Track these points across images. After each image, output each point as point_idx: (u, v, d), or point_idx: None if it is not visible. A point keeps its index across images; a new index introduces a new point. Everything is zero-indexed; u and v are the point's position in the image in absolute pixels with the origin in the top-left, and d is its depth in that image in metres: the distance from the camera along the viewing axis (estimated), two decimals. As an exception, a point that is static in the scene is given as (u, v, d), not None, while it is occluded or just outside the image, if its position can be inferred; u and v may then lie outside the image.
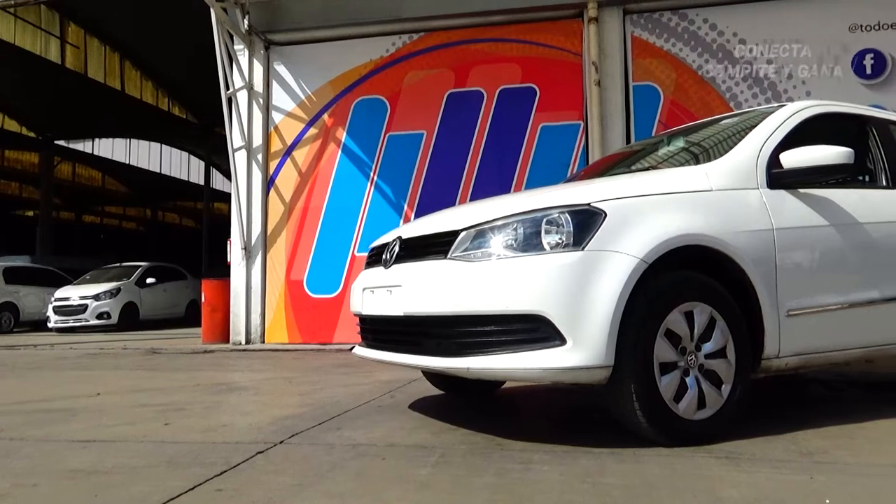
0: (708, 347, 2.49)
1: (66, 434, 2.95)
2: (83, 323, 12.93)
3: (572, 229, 2.38)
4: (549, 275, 2.32)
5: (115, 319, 13.18)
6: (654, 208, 2.51)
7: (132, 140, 30.20)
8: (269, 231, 8.26)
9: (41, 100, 21.29)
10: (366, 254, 3.56)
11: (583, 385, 2.41)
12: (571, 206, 2.44)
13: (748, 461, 2.20)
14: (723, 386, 2.49)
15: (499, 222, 2.51)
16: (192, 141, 29.12)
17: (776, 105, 3.26)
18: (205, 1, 7.49)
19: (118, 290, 13.49)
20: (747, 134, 2.95)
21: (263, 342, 8.06)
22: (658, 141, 3.94)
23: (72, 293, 13.36)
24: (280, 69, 8.43)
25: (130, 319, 13.51)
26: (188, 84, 22.53)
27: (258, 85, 8.39)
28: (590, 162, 7.21)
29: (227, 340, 8.25)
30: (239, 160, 8.25)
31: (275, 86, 8.44)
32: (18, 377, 5.54)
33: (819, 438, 2.51)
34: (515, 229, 2.46)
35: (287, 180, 8.28)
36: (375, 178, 8.05)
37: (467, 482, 2.05)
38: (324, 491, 2.01)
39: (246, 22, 8.18)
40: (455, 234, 2.61)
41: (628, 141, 7.37)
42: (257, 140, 8.33)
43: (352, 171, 8.13)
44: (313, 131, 8.28)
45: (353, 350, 3.37)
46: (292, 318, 8.07)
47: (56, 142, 25.49)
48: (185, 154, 33.62)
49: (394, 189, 7.99)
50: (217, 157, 27.74)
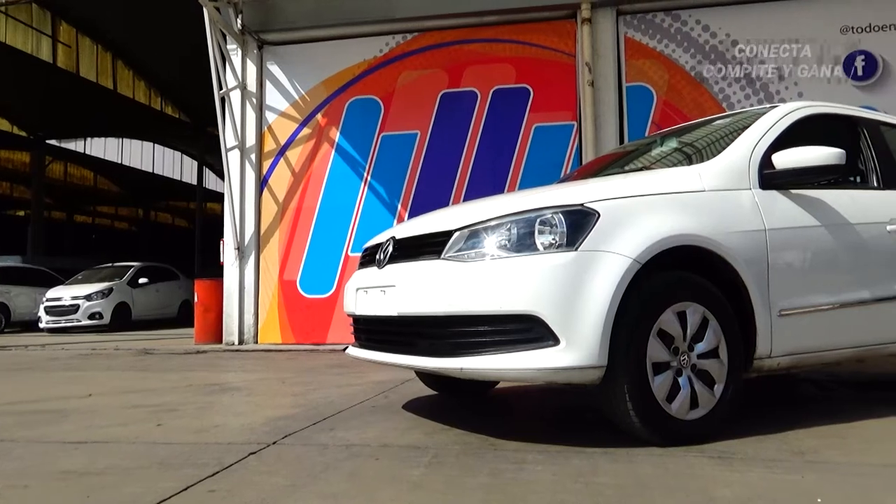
0: (700, 347, 2.50)
1: (58, 435, 2.94)
2: (75, 323, 12.87)
3: (566, 230, 2.38)
4: (543, 275, 2.33)
5: (107, 320, 13.12)
6: (648, 209, 2.52)
7: (125, 139, 30.08)
8: (263, 231, 8.24)
9: (33, 99, 21.18)
10: (359, 254, 3.55)
11: (576, 385, 2.42)
12: (565, 207, 2.45)
13: (740, 461, 2.21)
14: (715, 386, 2.50)
15: (492, 222, 2.51)
16: (185, 140, 29.04)
17: (768, 106, 3.28)
18: (198, 0, 7.47)
19: (110, 291, 13.43)
20: (740, 135, 2.96)
21: (256, 342, 8.04)
22: (651, 141, 3.95)
23: (63, 293, 13.28)
24: (273, 69, 8.41)
25: (122, 320, 13.45)
26: (181, 83, 22.47)
27: (251, 85, 8.37)
28: (583, 162, 7.22)
29: (220, 341, 8.22)
30: (232, 160, 8.23)
31: (268, 85, 8.42)
32: (9, 378, 5.51)
33: (810, 438, 2.53)
34: (509, 229, 2.46)
35: (280, 180, 8.26)
36: (369, 178, 8.04)
37: (461, 482, 2.05)
38: (317, 491, 2.00)
39: (239, 21, 8.15)
40: (449, 235, 2.61)
41: (621, 141, 7.39)
42: (250, 140, 8.31)
43: (345, 171, 8.12)
44: (307, 131, 8.26)
45: (347, 350, 3.37)
46: (285, 319, 8.05)
47: (48, 141, 25.36)
48: (178, 154, 33.50)
49: (387, 189, 7.99)
50: (210, 157, 27.69)
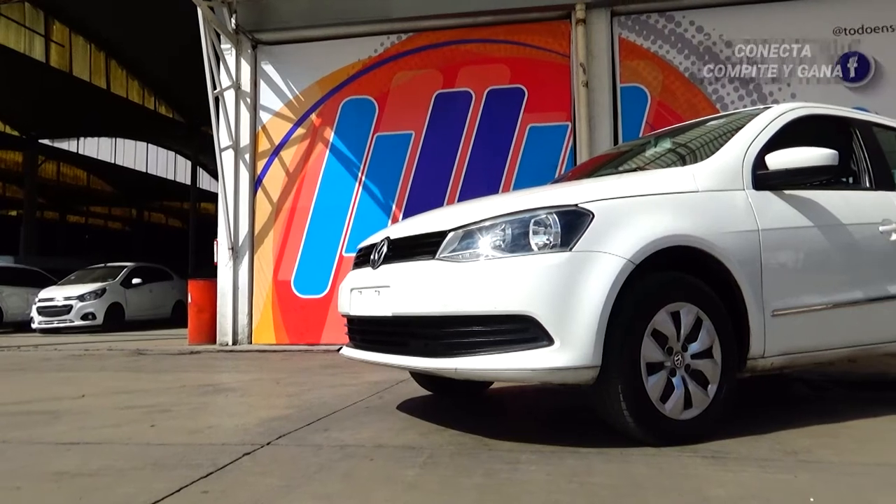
0: (694, 347, 2.51)
1: (50, 436, 2.92)
2: (68, 324, 12.81)
3: (560, 230, 2.38)
4: (537, 275, 2.33)
5: (101, 320, 13.06)
6: (642, 209, 2.52)
7: (118, 139, 29.97)
8: (257, 231, 8.22)
9: (25, 98, 21.07)
10: (354, 254, 3.55)
11: (570, 385, 2.42)
12: (559, 207, 2.45)
13: (734, 460, 2.22)
14: (709, 386, 2.51)
15: (487, 223, 2.51)
16: (179, 140, 28.95)
17: (762, 107, 3.29)
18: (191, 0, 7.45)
19: (103, 291, 13.37)
20: (733, 135, 2.98)
21: (250, 343, 8.02)
22: (645, 142, 3.96)
23: (56, 294, 13.22)
24: (268, 69, 8.39)
25: (116, 320, 13.39)
26: (175, 83, 22.42)
27: (245, 84, 8.35)
28: (577, 163, 7.23)
29: (214, 341, 8.20)
30: (226, 160, 8.21)
31: (262, 85, 8.41)
32: (1, 379, 5.47)
33: (803, 437, 2.54)
34: (503, 230, 2.47)
35: (275, 180, 8.25)
36: (363, 179, 8.03)
37: (455, 483, 2.05)
38: (311, 492, 2.00)
39: (233, 21, 8.13)
40: (443, 235, 2.61)
41: (616, 142, 7.41)
42: (244, 140, 8.29)
43: (340, 172, 8.11)
44: (301, 131, 8.25)
45: (341, 351, 3.36)
46: (280, 319, 8.03)
47: (40, 141, 25.25)
48: (172, 153, 33.40)
49: (382, 189, 7.98)
50: (204, 157, 27.57)
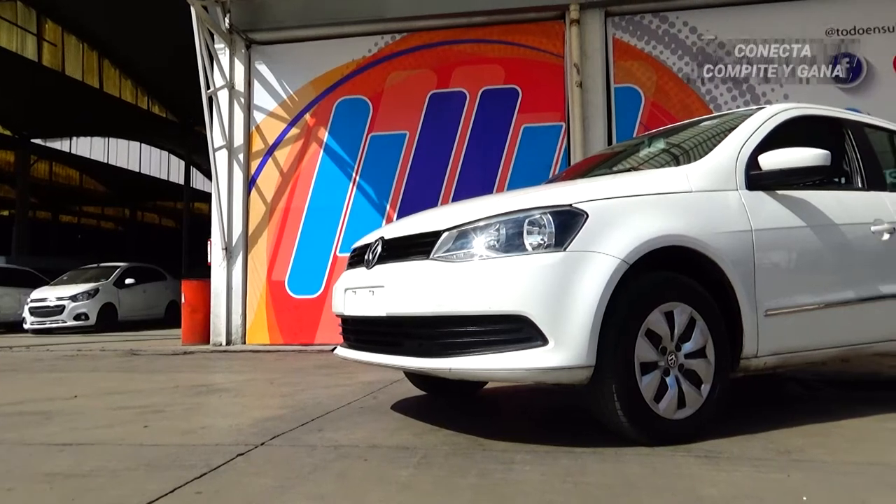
0: (688, 347, 2.52)
1: (42, 437, 2.91)
2: (60, 324, 12.75)
3: (554, 230, 2.39)
4: (531, 275, 2.33)
5: (93, 321, 13.01)
6: (635, 209, 2.53)
7: (111, 139, 29.84)
8: (251, 231, 8.20)
9: (17, 98, 20.96)
10: (348, 254, 3.55)
11: (564, 385, 2.42)
12: (553, 207, 2.45)
13: (727, 460, 2.23)
14: (702, 385, 2.52)
15: (481, 223, 2.52)
16: (172, 140, 28.88)
17: (755, 108, 3.30)
18: (185, -1, 7.43)
19: (96, 291, 13.32)
20: (727, 136, 2.99)
21: (244, 343, 8.00)
22: (639, 142, 3.97)
23: (48, 294, 13.16)
24: (261, 68, 8.37)
25: (109, 320, 13.33)
26: (168, 83, 22.35)
27: (239, 84, 8.33)
28: (572, 163, 7.24)
29: (208, 341, 8.17)
30: (220, 160, 8.18)
31: (256, 85, 8.38)
32: (-7, 379, 5.44)
33: (796, 437, 2.55)
34: (498, 230, 2.47)
35: (268, 180, 8.23)
36: (358, 179, 8.02)
37: (449, 483, 2.05)
38: (305, 493, 2.00)
39: (227, 20, 8.10)
40: (437, 235, 2.61)
41: (610, 142, 7.43)
42: (238, 139, 8.27)
43: (334, 172, 8.09)
44: (295, 131, 8.23)
45: (335, 351, 3.36)
46: (273, 319, 8.01)
47: (33, 140, 25.13)
48: (165, 153, 33.30)
49: (376, 189, 7.98)
50: (197, 157, 27.54)
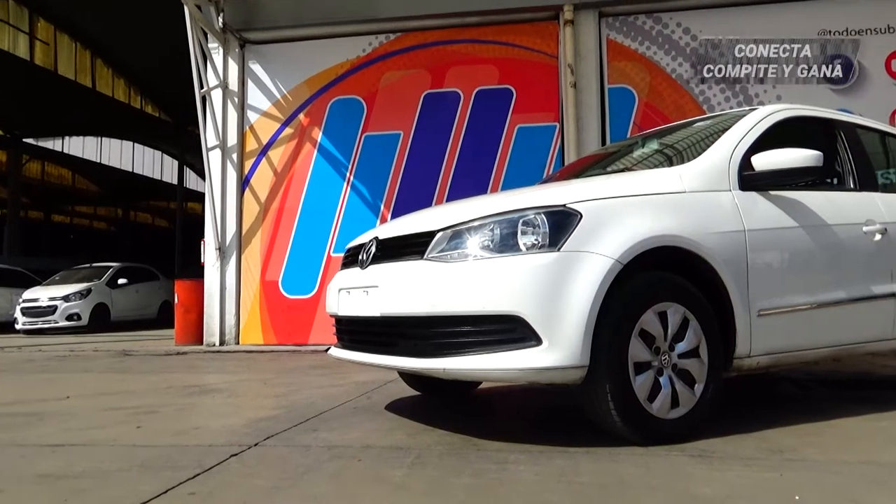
0: (681, 347, 2.52)
1: (34, 438, 2.89)
2: (52, 325, 12.68)
3: (548, 230, 2.39)
4: (525, 275, 2.33)
5: (86, 321, 12.95)
6: (629, 209, 2.53)
7: (103, 138, 29.71)
8: (244, 231, 8.17)
9: (9, 97, 20.82)
10: (342, 254, 3.54)
11: (558, 385, 2.43)
12: (547, 207, 2.46)
13: (720, 459, 2.23)
14: (696, 385, 2.53)
15: (475, 223, 2.52)
16: (166, 140, 28.76)
17: (748, 108, 3.32)
18: (178, -2, 7.40)
19: (88, 291, 13.26)
20: (720, 137, 3.00)
21: (238, 343, 7.97)
22: (633, 143, 3.99)
23: (40, 294, 13.10)
24: (255, 68, 8.35)
25: (101, 321, 13.27)
26: (161, 82, 22.26)
27: (233, 84, 8.30)
28: (566, 163, 7.25)
29: (201, 342, 8.14)
30: (213, 159, 8.15)
31: (250, 85, 8.36)
32: (-16, 380, 5.41)
33: (789, 436, 2.56)
34: (492, 230, 2.47)
35: (262, 180, 8.21)
36: (352, 179, 8.01)
37: (444, 483, 2.05)
38: (299, 493, 1.99)
39: (220, 20, 8.08)
40: (432, 235, 2.61)
41: (603, 142, 7.44)
42: (232, 139, 8.24)
43: (328, 172, 8.08)
44: (289, 131, 8.21)
45: (329, 351, 3.35)
46: (267, 319, 7.99)
47: (25, 140, 24.98)
48: (158, 153, 33.17)
49: (370, 189, 7.97)
50: (191, 157, 27.42)
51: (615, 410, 2.36)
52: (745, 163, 2.86)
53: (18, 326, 12.88)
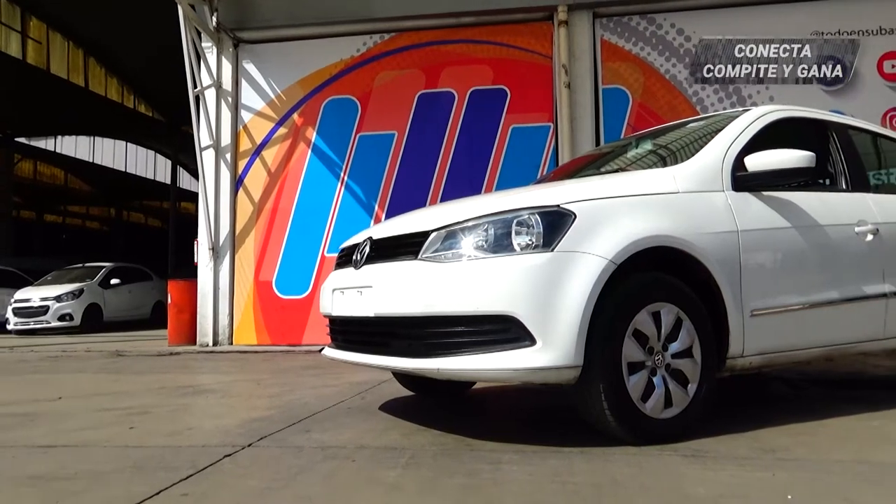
0: (674, 347, 2.53)
1: (26, 439, 2.87)
2: (44, 325, 12.62)
3: (542, 230, 2.39)
4: (519, 275, 2.34)
5: (78, 321, 12.88)
6: (623, 210, 2.54)
7: (96, 138, 29.56)
8: (238, 231, 8.15)
9: (1, 96, 20.67)
10: (336, 254, 3.53)
11: (552, 385, 2.43)
12: (541, 208, 2.46)
13: (713, 459, 2.24)
14: (689, 385, 2.54)
15: (469, 223, 2.52)
16: (159, 139, 28.65)
17: (741, 109, 3.33)
18: (172, -3, 7.38)
19: (81, 292, 13.19)
20: (713, 137, 3.01)
21: (231, 344, 7.95)
22: (627, 143, 3.99)
23: (32, 294, 13.03)
24: (249, 67, 8.33)
25: (94, 321, 13.21)
26: (154, 81, 22.18)
27: (227, 83, 8.28)
28: (560, 163, 7.26)
29: (194, 342, 8.12)
30: (207, 159, 8.13)
31: (244, 84, 8.34)
32: (-24, 381, 5.38)
33: (782, 436, 2.57)
34: (486, 230, 2.47)
35: (256, 180, 8.19)
36: (346, 179, 8.00)
37: (437, 483, 2.05)
38: (292, 494, 1.99)
39: (214, 19, 8.05)
40: (426, 235, 2.61)
41: (597, 143, 7.45)
42: (226, 139, 8.22)
43: (322, 172, 8.07)
44: (283, 131, 8.20)
45: (323, 351, 3.35)
46: (261, 320, 7.97)
47: (16, 139, 24.81)
48: (152, 152, 33.02)
49: (364, 189, 7.96)
50: (184, 156, 27.32)
51: (609, 410, 2.36)
52: (739, 163, 2.88)
53: (10, 327, 12.81)
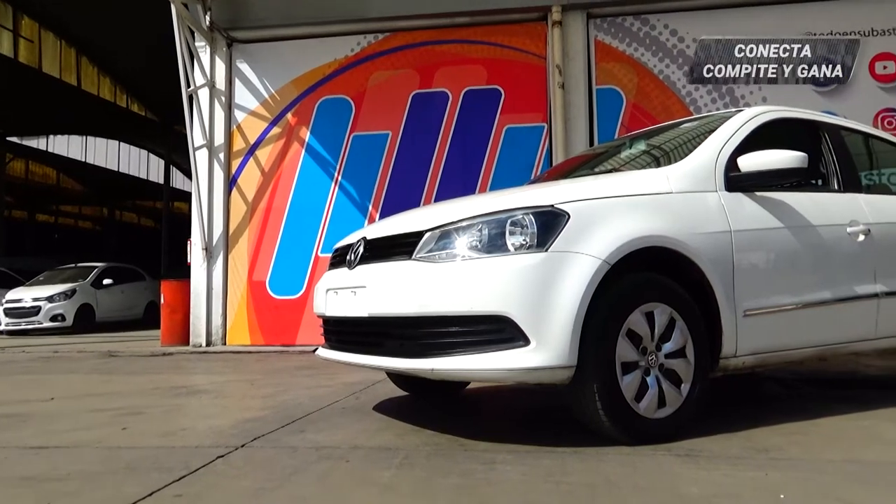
0: (668, 347, 2.54)
1: (17, 440, 2.86)
2: (36, 325, 12.54)
3: (536, 230, 2.40)
4: (513, 276, 2.34)
5: (70, 321, 12.81)
6: (617, 210, 2.54)
7: (89, 137, 29.43)
8: (231, 231, 8.13)
9: (-7, 95, 20.63)
10: (330, 254, 3.53)
11: (546, 385, 2.43)
12: (535, 208, 2.46)
13: (706, 458, 2.25)
14: (682, 385, 2.54)
15: (464, 223, 2.52)
16: (152, 139, 28.55)
17: (734, 110, 3.34)
18: (165, -4, 7.34)
19: (73, 292, 13.12)
20: (706, 138, 3.02)
21: (225, 344, 7.92)
22: (620, 144, 4.00)
23: (24, 294, 12.95)
24: (243, 67, 8.31)
25: (86, 321, 13.14)
26: (147, 81, 22.09)
27: (220, 83, 8.25)
28: (553, 164, 7.28)
29: (187, 343, 8.09)
30: (200, 159, 8.10)
31: (237, 84, 8.31)
32: (-33, 382, 5.34)
33: (774, 435, 2.58)
34: (480, 230, 2.47)
35: (249, 180, 8.17)
36: (340, 179, 7.99)
37: (431, 484, 2.05)
38: (286, 495, 1.98)
39: (207, 18, 8.03)
40: (420, 235, 2.61)
41: (591, 143, 7.47)
42: (219, 139, 8.20)
43: (316, 171, 8.05)
44: (276, 130, 8.18)
45: (317, 352, 3.34)
46: (254, 320, 7.95)
47: (8, 138, 24.69)
48: (144, 152, 32.90)
49: (358, 189, 7.95)
50: (177, 156, 27.25)
51: (602, 410, 2.37)
52: (732, 164, 2.89)
53: (1, 328, 12.72)
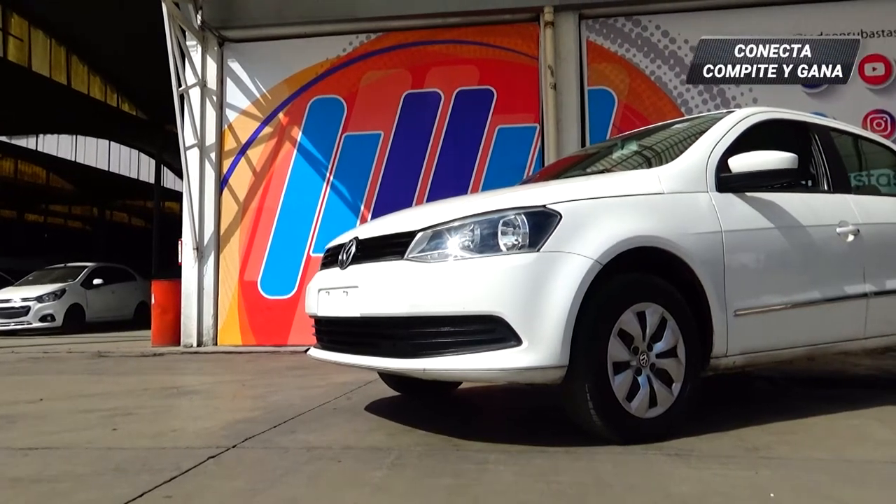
0: (659, 347, 2.55)
1: (6, 442, 2.83)
2: (25, 326, 12.44)
3: (528, 230, 2.40)
4: (505, 276, 2.34)
5: (60, 322, 12.72)
6: (608, 210, 2.55)
7: (79, 136, 29.23)
8: (223, 231, 8.10)
9: (-19, 94, 20.45)
10: (321, 254, 3.52)
11: (538, 385, 2.44)
12: (527, 208, 2.47)
13: (697, 458, 2.26)
14: (673, 384, 2.55)
15: (456, 223, 2.52)
16: (142, 138, 28.35)
17: (725, 111, 3.36)
18: (156, -5, 7.31)
19: (63, 292, 13.03)
20: (697, 139, 3.04)
21: (216, 344, 7.90)
22: (612, 144, 4.02)
23: (13, 295, 12.85)
24: (234, 66, 8.28)
25: (76, 322, 13.05)
26: (138, 80, 21.95)
27: (211, 82, 8.22)
28: (545, 164, 7.29)
29: (178, 343, 8.05)
30: (191, 159, 8.07)
31: (229, 83, 8.29)
32: (-45, 383, 5.29)
33: (764, 434, 2.60)
34: (472, 230, 2.47)
35: (241, 179, 8.14)
36: (332, 179, 7.98)
37: (423, 484, 2.05)
38: (277, 495, 1.98)
39: (199, 17, 8.00)
40: (412, 235, 2.61)
41: (583, 144, 7.49)
42: (210, 138, 8.16)
43: (307, 171, 8.04)
44: (268, 130, 8.15)
45: (308, 352, 3.33)
46: (246, 320, 7.93)
47: (-3, 137, 24.53)
48: (135, 151, 32.71)
49: (350, 189, 7.94)
50: (168, 155, 27.02)
51: (594, 410, 2.37)
52: (722, 165, 2.90)
53: (-10, 328, 12.64)
